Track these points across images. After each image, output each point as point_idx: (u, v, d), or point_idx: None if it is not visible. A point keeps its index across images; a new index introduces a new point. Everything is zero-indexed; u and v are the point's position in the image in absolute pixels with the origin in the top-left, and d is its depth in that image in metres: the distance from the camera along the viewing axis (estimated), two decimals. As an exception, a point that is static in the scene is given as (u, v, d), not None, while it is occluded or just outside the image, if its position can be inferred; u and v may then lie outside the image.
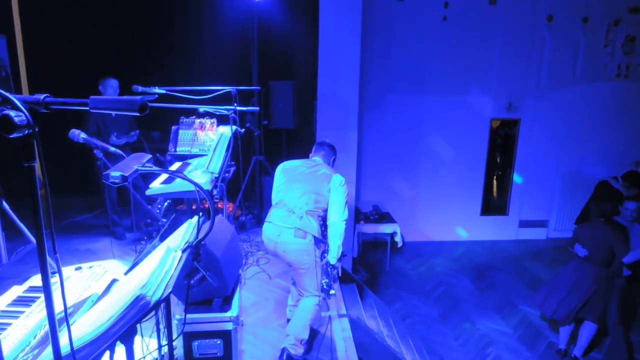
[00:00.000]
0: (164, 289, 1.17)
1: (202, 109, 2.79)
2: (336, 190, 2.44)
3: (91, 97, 0.88)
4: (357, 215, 5.08)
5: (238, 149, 3.09)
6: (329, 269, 2.46)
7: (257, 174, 4.84)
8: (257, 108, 3.10)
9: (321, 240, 2.49)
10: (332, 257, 2.45)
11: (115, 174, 1.20)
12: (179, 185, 2.70)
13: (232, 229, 2.39)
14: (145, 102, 0.83)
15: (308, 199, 2.40)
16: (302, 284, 2.50)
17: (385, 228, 5.23)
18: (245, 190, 4.74)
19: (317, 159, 2.65)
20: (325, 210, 2.46)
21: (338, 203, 2.41)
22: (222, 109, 2.79)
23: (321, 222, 2.48)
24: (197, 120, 3.55)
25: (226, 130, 2.93)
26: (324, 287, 2.49)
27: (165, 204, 4.11)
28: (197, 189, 1.33)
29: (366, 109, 5.63)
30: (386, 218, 5.42)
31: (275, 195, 2.60)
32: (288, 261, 2.47)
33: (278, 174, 2.69)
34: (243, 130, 3.08)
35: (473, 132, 5.81)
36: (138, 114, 0.83)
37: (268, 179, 4.62)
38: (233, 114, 2.74)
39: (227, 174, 2.94)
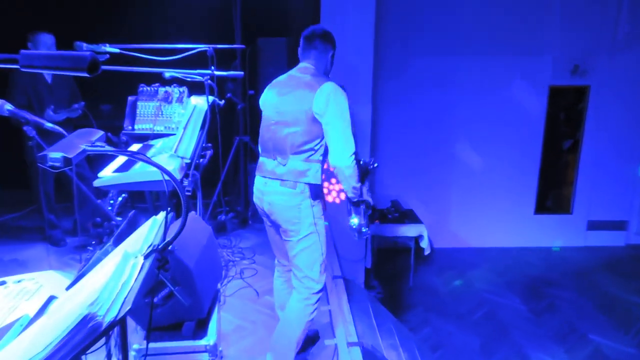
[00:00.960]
0: (121, 306, 1.14)
1: (168, 74, 2.73)
2: (327, 111, 2.32)
3: (22, 51, 0.87)
4: (371, 214, 4.48)
5: (216, 127, 3.02)
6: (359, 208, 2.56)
7: (240, 160, 4.67)
8: (241, 73, 3.04)
9: (321, 189, 2.51)
10: (351, 197, 2.47)
11: (55, 155, 1.17)
12: (138, 174, 2.65)
13: (209, 231, 2.36)
14: (96, 58, 0.81)
15: (292, 136, 2.34)
16: (295, 260, 2.43)
17: (408, 230, 5.12)
18: (226, 181, 4.66)
19: (306, 65, 2.53)
20: (320, 147, 2.40)
21: (334, 132, 2.31)
22: (195, 74, 2.72)
23: (317, 162, 2.42)
24: (162, 90, 3.46)
25: (200, 103, 2.86)
26: (353, 226, 2.50)
27: (120, 198, 4.06)
28: (165, 175, 1.31)
29: (383, 76, 5.41)
30: (409, 217, 5.34)
31: (260, 136, 2.60)
32: (278, 224, 2.45)
33: (262, 101, 2.64)
34: (222, 102, 3.04)
35: (525, 104, 5.63)
36: (87, 76, 0.81)
37: (255, 166, 4.43)
38: (209, 81, 2.68)
39: (201, 160, 2.89)
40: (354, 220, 2.46)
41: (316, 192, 2.40)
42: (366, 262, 4.92)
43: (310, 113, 2.32)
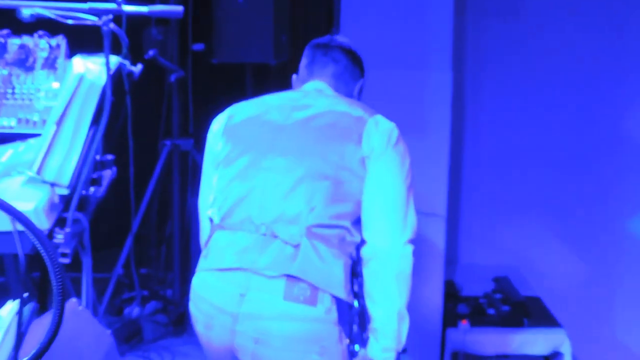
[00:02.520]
0: None
1: (27, 10, 2.34)
2: (383, 158, 2.19)
3: None
4: (451, 307, 4.43)
5: (125, 121, 2.71)
6: None
7: (174, 185, 4.43)
8: (179, 8, 2.61)
9: (351, 311, 2.28)
10: (383, 347, 2.07)
11: None
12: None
13: (109, 342, 2.23)
14: None
15: (310, 193, 2.13)
16: None
17: (532, 341, 4.37)
18: (143, 233, 4.45)
19: (319, 84, 2.48)
20: (357, 222, 2.23)
21: (389, 197, 2.19)
22: (83, 13, 2.33)
23: (350, 258, 2.23)
24: (14, 43, 3.10)
25: (93, 70, 2.46)
26: None
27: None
28: (19, 224, 1.44)
29: (483, 17, 4.87)
30: (533, 314, 4.53)
31: (218, 198, 2.23)
32: None
33: (216, 138, 2.32)
34: (139, 68, 2.64)
35: None
36: None
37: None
38: (111, 26, 2.31)
39: (93, 189, 2.43)
40: None
41: (345, 313, 2.16)
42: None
43: (358, 153, 2.11)
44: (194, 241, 4.22)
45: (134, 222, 4.28)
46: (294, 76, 2.66)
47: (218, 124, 2.52)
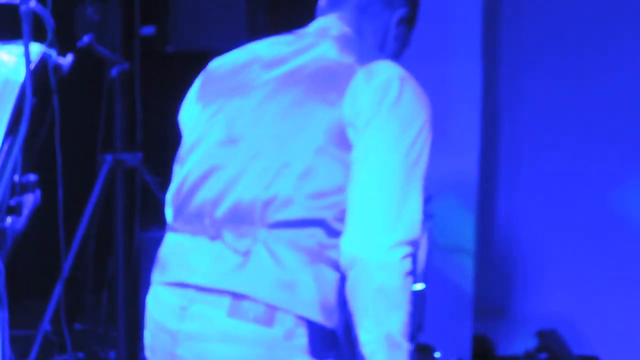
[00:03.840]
0: None
1: None
2: (373, 125, 2.14)
3: None
4: None
5: (53, 129, 2.73)
6: None
7: (117, 212, 4.46)
8: None
9: (335, 341, 2.26)
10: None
11: None
12: None
13: None
14: None
15: (267, 181, 2.16)
16: None
17: None
18: (78, 267, 4.52)
19: (327, 20, 2.43)
20: (341, 215, 2.17)
21: (375, 178, 2.12)
22: None
23: (334, 267, 2.18)
24: None
25: (8, 63, 2.55)
26: None
27: None
28: None
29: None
30: None
31: (172, 190, 2.41)
32: None
33: (190, 106, 2.56)
34: (69, 60, 2.64)
35: None
36: None
37: (159, 238, 4.42)
38: (31, 6, 2.32)
39: (11, 218, 2.47)
40: None
41: (327, 341, 2.15)
42: None
43: (336, 128, 2.06)
44: (145, 285, 4.51)
45: (65, 262, 4.17)
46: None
47: (193, 89, 2.55)
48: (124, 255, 4.64)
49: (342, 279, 2.20)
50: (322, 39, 2.31)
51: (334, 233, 2.15)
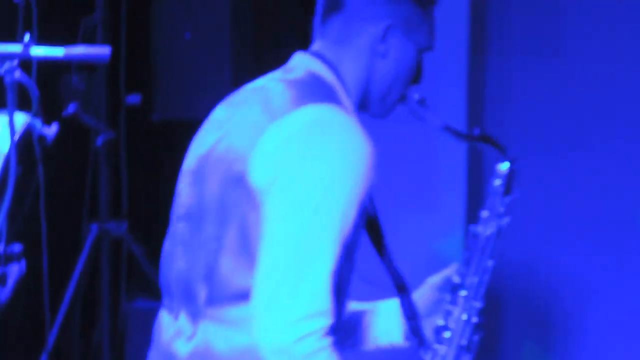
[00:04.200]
0: None
1: None
2: (276, 185, 2.00)
3: None
4: None
5: (38, 199, 2.93)
6: None
7: (103, 283, 4.40)
8: (105, 50, 2.56)
9: None
10: None
11: None
12: None
13: None
14: None
15: (204, 259, 2.07)
16: None
17: None
18: (64, 339, 4.45)
19: (297, 58, 2.31)
20: None
21: (272, 249, 2.02)
22: None
23: None
24: None
25: None
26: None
27: None
28: None
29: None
30: None
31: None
32: None
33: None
34: (54, 130, 2.81)
35: None
36: None
37: (143, 304, 4.44)
38: (17, 74, 2.30)
39: None
40: None
41: None
42: None
43: (246, 186, 1.94)
44: (130, 356, 4.55)
45: (50, 334, 4.10)
46: None
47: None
48: (109, 326, 4.62)
49: None
50: (291, 75, 2.06)
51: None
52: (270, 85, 2.06)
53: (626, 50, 5.49)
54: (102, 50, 2.75)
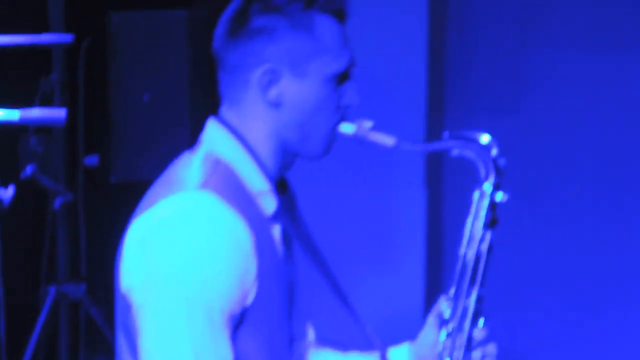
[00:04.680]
0: None
1: None
2: (136, 293, 1.90)
3: None
4: None
5: None
6: None
7: (61, 348, 4.54)
8: (61, 112, 2.92)
9: None
10: None
11: None
12: None
13: None
14: None
15: None
16: None
17: None
18: None
19: (206, 132, 2.22)
20: None
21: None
22: None
23: None
24: None
25: None
26: None
27: None
28: None
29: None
30: None
31: None
32: None
33: None
34: (10, 193, 2.87)
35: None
36: None
37: None
38: None
39: None
40: None
41: None
42: None
43: (120, 289, 1.64)
44: None
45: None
46: None
47: None
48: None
49: None
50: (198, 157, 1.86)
51: None
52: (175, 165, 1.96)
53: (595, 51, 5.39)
54: (58, 113, 3.06)
